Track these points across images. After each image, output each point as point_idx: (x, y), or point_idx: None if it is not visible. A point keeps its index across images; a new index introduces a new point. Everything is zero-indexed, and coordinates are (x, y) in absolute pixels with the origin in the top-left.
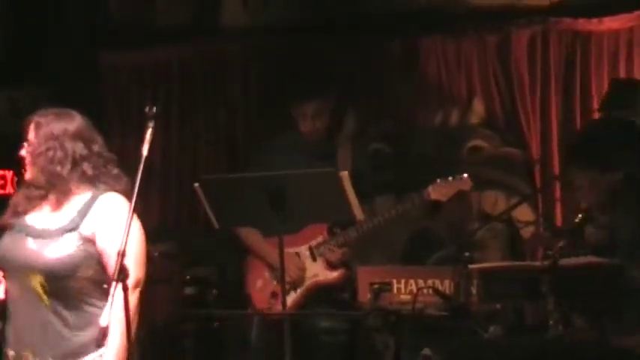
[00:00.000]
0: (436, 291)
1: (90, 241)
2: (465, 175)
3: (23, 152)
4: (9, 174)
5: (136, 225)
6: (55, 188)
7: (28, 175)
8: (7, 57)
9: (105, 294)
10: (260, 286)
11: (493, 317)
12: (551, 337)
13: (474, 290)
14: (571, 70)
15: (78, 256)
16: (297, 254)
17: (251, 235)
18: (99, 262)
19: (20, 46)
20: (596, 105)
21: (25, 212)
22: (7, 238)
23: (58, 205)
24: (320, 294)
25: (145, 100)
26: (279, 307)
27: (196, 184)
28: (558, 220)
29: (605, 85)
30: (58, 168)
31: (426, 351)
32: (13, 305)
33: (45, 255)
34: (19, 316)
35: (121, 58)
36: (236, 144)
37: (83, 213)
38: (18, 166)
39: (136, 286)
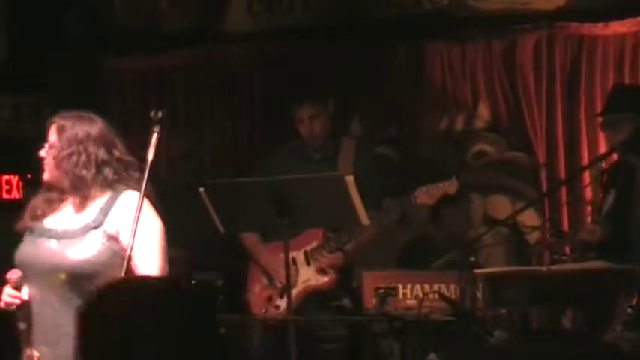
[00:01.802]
0: (442, 296)
1: (114, 238)
2: (454, 178)
3: (43, 153)
4: (15, 179)
5: (157, 221)
6: (77, 192)
7: (47, 176)
8: (10, 62)
9: None
10: (257, 290)
11: (498, 322)
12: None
13: (479, 295)
14: (576, 75)
15: (104, 254)
16: (293, 259)
17: (248, 239)
18: (123, 259)
19: (24, 52)
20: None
21: (44, 216)
22: (27, 242)
23: (79, 207)
24: (316, 300)
25: (150, 105)
26: (273, 312)
27: (201, 189)
28: (564, 225)
29: None
30: (84, 172)
31: (432, 356)
32: (35, 307)
33: (69, 255)
34: (41, 317)
35: (125, 64)
36: (241, 149)
37: (105, 211)
38: (23, 170)
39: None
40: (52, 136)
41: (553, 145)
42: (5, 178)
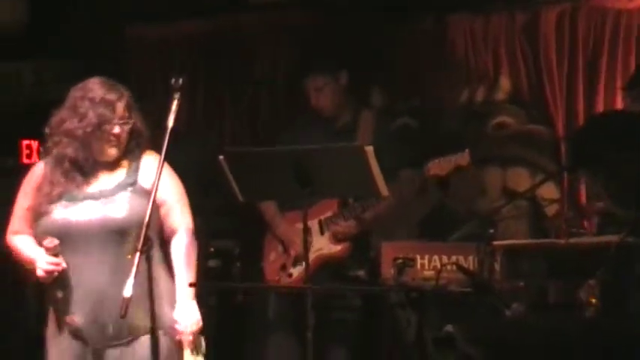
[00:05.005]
0: (460, 267)
1: (149, 194)
2: (467, 150)
3: (117, 129)
4: (35, 144)
5: (176, 177)
6: (139, 148)
7: (116, 151)
8: (31, 28)
9: (163, 246)
10: (272, 259)
11: (516, 295)
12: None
13: (497, 267)
14: (599, 48)
15: (143, 208)
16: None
17: (266, 208)
18: (159, 214)
19: (45, 17)
20: (620, 84)
21: (64, 191)
22: (59, 210)
23: (111, 168)
24: (329, 269)
25: (171, 73)
26: (286, 279)
27: (221, 157)
28: (583, 199)
29: (632, 64)
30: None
31: (449, 328)
32: (79, 272)
33: (110, 214)
34: (80, 281)
35: (146, 31)
36: (261, 118)
37: (135, 168)
38: (43, 135)
39: (193, 230)
40: (126, 112)
41: (573, 118)
42: (25, 142)
